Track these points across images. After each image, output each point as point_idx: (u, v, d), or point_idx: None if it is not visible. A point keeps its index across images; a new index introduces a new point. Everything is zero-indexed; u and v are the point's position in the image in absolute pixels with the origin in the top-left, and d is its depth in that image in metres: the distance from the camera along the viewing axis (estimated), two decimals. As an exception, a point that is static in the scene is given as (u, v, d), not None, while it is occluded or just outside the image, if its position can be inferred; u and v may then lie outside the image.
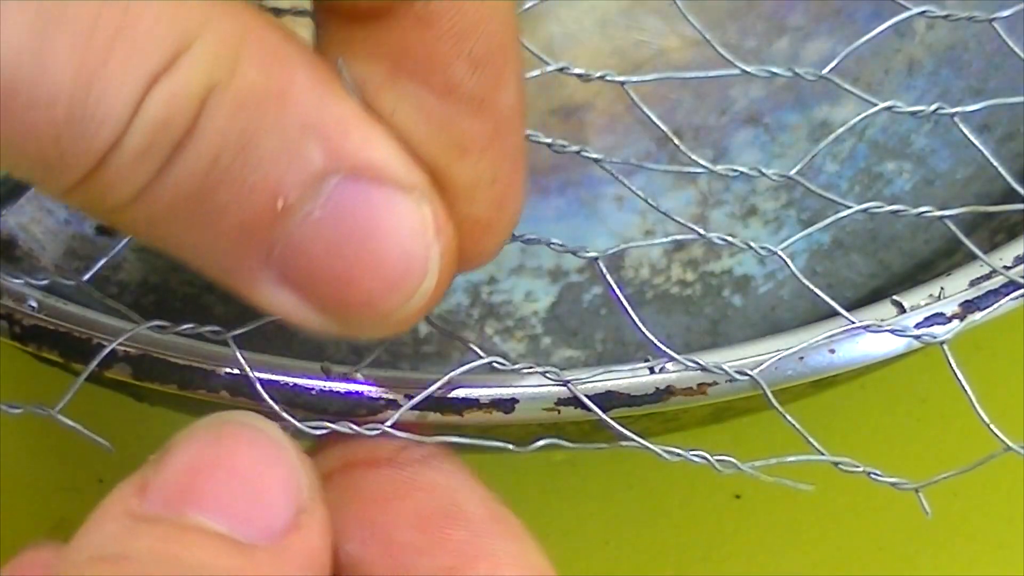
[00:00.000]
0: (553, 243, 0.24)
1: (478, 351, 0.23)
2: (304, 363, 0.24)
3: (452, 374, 0.23)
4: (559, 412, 0.24)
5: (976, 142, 0.24)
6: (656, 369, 0.24)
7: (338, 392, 0.23)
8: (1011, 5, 0.26)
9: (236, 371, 0.23)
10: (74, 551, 0.20)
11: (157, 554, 0.19)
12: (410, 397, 0.23)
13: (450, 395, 0.24)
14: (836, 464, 0.23)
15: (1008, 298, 0.24)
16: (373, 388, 0.24)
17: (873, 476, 0.23)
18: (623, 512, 0.36)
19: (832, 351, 0.24)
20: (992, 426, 0.23)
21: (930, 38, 0.35)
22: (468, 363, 0.23)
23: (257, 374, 0.23)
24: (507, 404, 0.24)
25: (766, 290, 0.33)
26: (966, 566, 0.36)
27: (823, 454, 0.23)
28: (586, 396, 0.24)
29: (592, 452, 0.36)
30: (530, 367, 0.23)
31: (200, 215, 0.19)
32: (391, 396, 0.23)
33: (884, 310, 0.25)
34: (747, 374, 0.23)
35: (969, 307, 0.25)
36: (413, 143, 0.20)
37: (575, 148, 0.23)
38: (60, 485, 0.36)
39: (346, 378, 0.24)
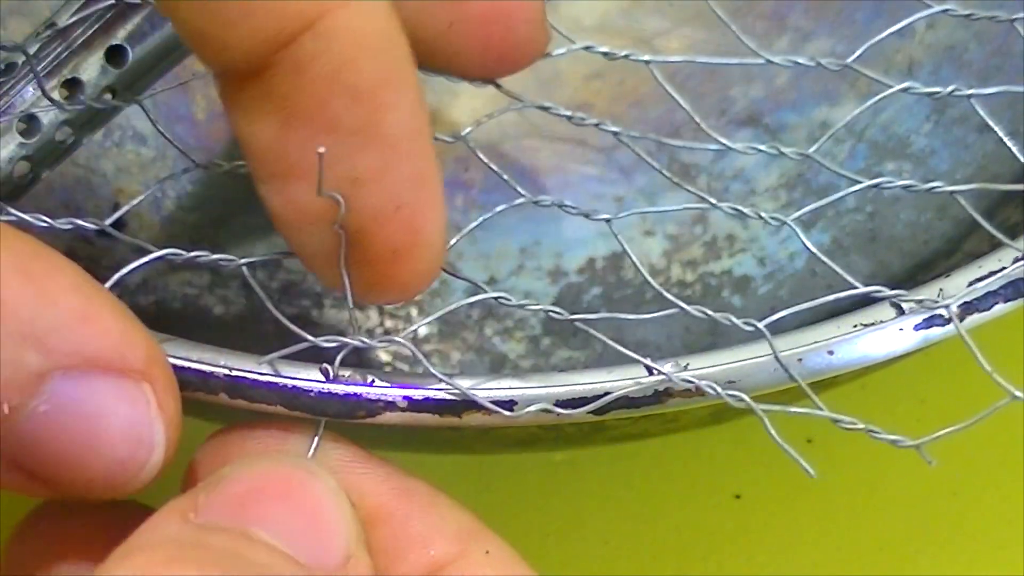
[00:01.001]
0: (566, 205, 0.24)
1: (483, 287, 0.24)
2: (303, 364, 0.24)
3: (460, 303, 0.24)
4: (558, 414, 0.24)
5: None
6: (654, 371, 0.24)
7: (337, 394, 0.23)
8: (1010, 4, 0.26)
9: (235, 373, 0.23)
10: (135, 540, 0.20)
11: (228, 551, 0.19)
12: (408, 399, 0.23)
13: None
14: (835, 421, 0.23)
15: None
16: (372, 389, 0.24)
17: (872, 433, 0.23)
18: (623, 512, 0.36)
19: (831, 352, 0.24)
20: (995, 375, 0.23)
21: (929, 38, 0.35)
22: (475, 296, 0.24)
23: (256, 375, 0.23)
24: (506, 405, 0.24)
25: (766, 290, 0.33)
26: (966, 566, 0.36)
27: (822, 409, 0.23)
28: (585, 397, 0.24)
29: (592, 452, 0.36)
30: (538, 304, 0.24)
31: None
32: (390, 397, 0.23)
33: (883, 311, 0.25)
34: (753, 324, 0.24)
35: (968, 308, 0.25)
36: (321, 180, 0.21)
37: (593, 121, 0.24)
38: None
39: (345, 379, 0.24)
